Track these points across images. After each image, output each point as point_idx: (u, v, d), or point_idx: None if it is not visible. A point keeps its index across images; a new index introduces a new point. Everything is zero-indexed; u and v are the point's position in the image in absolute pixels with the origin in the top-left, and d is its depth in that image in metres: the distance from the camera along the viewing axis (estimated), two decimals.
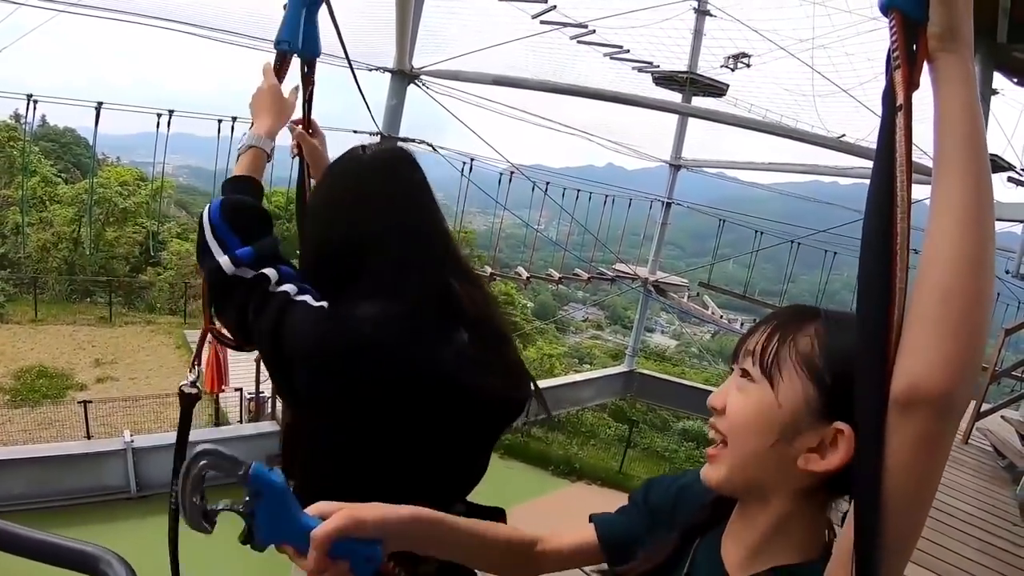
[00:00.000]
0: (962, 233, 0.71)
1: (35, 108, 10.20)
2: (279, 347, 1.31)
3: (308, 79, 1.74)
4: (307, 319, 1.30)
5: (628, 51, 12.28)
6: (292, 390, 1.35)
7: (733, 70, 13.04)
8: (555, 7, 10.49)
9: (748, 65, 12.78)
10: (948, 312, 0.70)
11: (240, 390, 13.13)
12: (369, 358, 1.27)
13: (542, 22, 10.76)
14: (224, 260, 1.35)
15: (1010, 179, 10.95)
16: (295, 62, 1.69)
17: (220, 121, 10.54)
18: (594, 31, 11.34)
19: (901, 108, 0.74)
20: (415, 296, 1.34)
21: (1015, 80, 9.76)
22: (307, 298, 1.33)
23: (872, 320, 0.75)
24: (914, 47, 0.73)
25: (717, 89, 13.71)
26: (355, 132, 10.12)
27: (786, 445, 0.87)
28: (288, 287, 1.34)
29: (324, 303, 1.33)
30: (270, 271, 1.35)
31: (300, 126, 1.77)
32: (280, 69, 1.64)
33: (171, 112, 10.34)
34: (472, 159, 12.41)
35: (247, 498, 0.86)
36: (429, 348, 1.33)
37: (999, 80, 9.70)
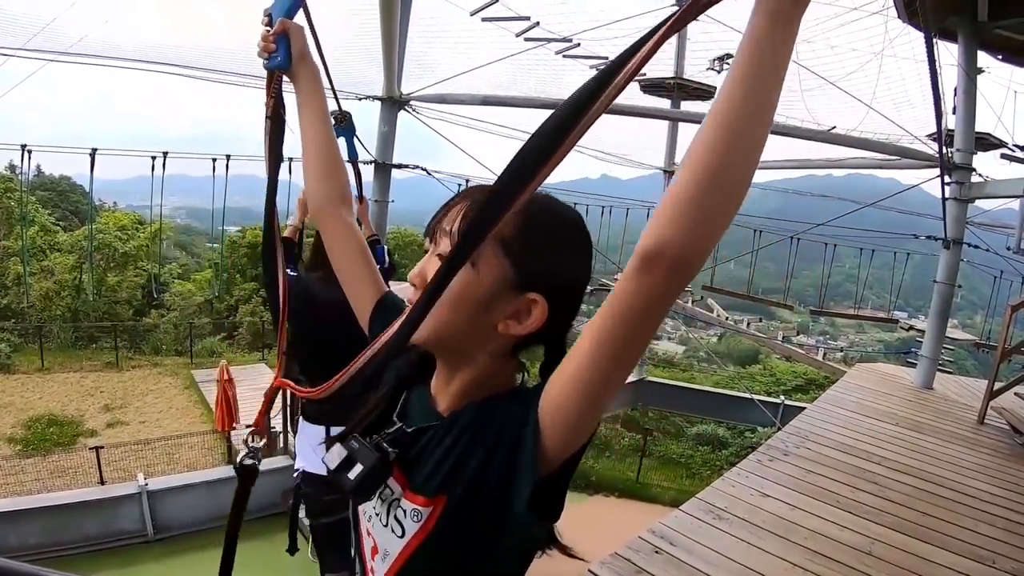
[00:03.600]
0: (736, 134, 0.78)
1: (30, 158, 10.24)
2: None
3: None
4: None
5: None
6: None
7: (719, 72, 13.10)
8: (538, 24, 10.55)
9: None
10: (709, 197, 0.78)
11: (251, 426, 13.10)
12: None
13: (526, 39, 10.82)
14: None
15: (1003, 156, 10.95)
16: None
17: (214, 160, 10.58)
18: (578, 44, 11.39)
19: (672, 19, 0.82)
20: None
21: (999, 57, 9.82)
22: None
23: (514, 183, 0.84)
24: None
25: (705, 92, 13.78)
26: (348, 161, 10.16)
27: (486, 314, 1.04)
28: None
29: None
30: None
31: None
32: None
33: (165, 154, 10.37)
34: (467, 180, 12.44)
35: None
36: None
37: (984, 59, 9.75)
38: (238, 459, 1.49)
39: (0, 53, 8.66)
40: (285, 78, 1.44)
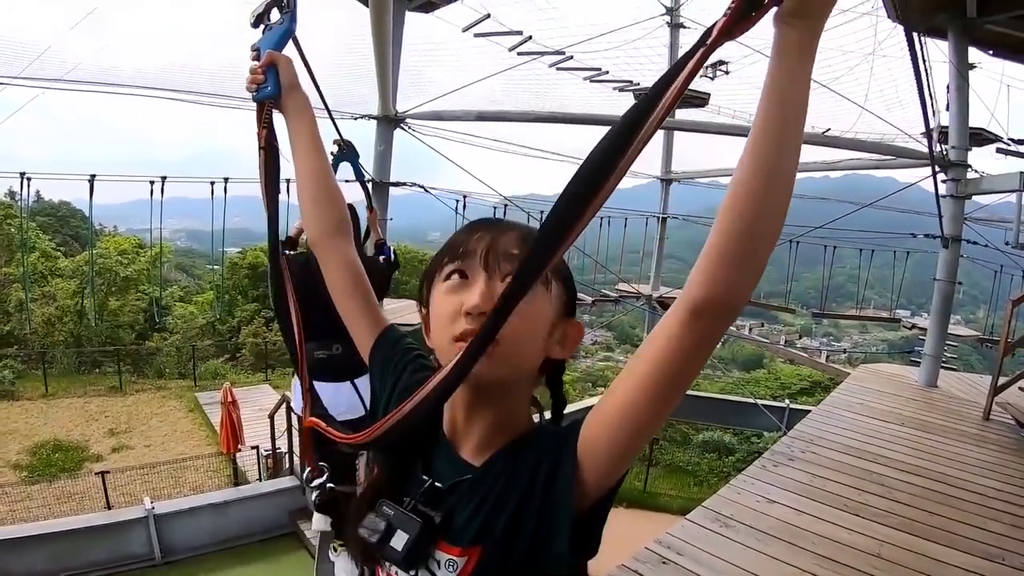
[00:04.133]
0: (767, 190, 0.82)
1: (29, 185, 10.29)
2: None
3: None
4: None
5: (607, 72, 12.38)
6: None
7: (712, 79, 13.13)
8: (531, 38, 10.59)
9: (727, 72, 12.87)
10: (746, 252, 0.83)
11: (256, 448, 13.10)
12: None
13: (519, 53, 10.86)
14: None
15: (999, 150, 10.95)
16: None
17: (212, 183, 10.62)
18: (571, 57, 11.43)
19: (704, 46, 0.81)
20: None
21: (990, 52, 9.84)
22: None
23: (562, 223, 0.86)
24: (752, 11, 0.80)
25: (699, 99, 13.80)
26: (347, 181, 10.20)
27: (547, 339, 1.07)
28: None
29: None
30: None
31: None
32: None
33: (163, 179, 10.42)
34: (465, 196, 12.45)
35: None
36: None
37: (976, 55, 9.77)
38: (314, 499, 1.55)
39: None
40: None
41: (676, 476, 15.68)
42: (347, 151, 4.40)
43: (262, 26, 1.50)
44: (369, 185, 4.84)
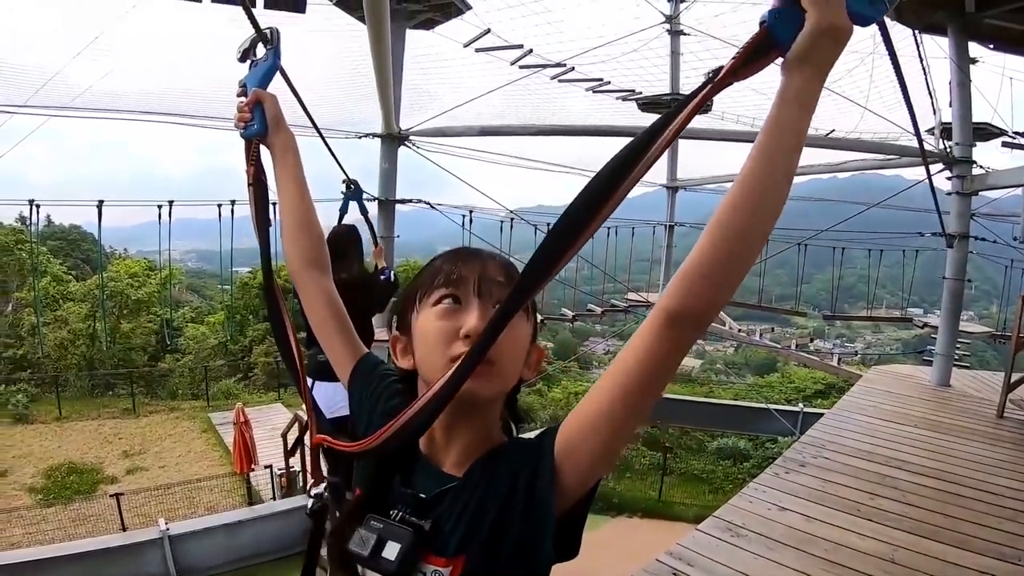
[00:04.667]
0: (754, 214, 0.88)
1: (38, 211, 10.43)
2: None
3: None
4: None
5: (609, 83, 12.38)
6: None
7: None
8: (531, 51, 10.62)
9: None
10: (726, 272, 0.90)
11: (270, 467, 13.13)
12: None
13: (521, 67, 10.89)
14: None
15: (1004, 144, 10.87)
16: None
17: (220, 206, 10.72)
18: (572, 68, 11.44)
19: (711, 83, 0.90)
20: None
21: (990, 46, 9.77)
22: None
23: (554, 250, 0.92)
24: (760, 58, 0.88)
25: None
26: (363, 216, 10.28)
27: (523, 362, 1.14)
28: None
29: None
30: None
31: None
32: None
33: (171, 203, 10.53)
34: (471, 211, 12.47)
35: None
36: None
37: (976, 50, 9.71)
38: (309, 507, 1.58)
39: (3, 111, 8.82)
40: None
41: (691, 484, 15.64)
42: (353, 190, 4.95)
43: (249, 61, 1.53)
44: (368, 205, 5.14)
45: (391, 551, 1.04)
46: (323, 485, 1.69)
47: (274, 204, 1.50)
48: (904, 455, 6.45)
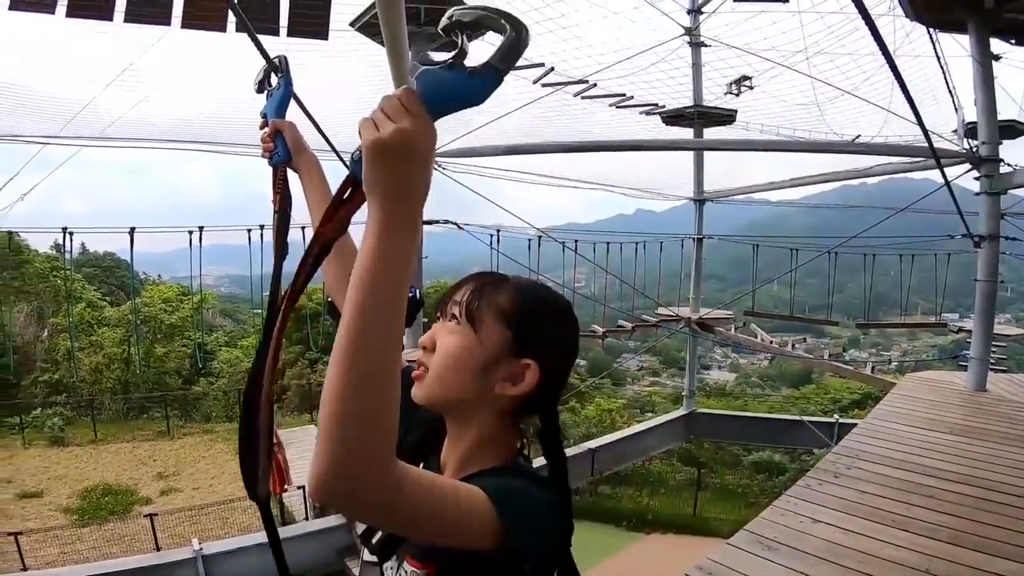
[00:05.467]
0: (339, 361, 0.84)
1: (72, 239, 10.65)
2: None
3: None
4: None
5: (632, 97, 12.39)
6: None
7: (738, 95, 13.05)
8: (553, 69, 10.66)
9: (751, 87, 12.77)
10: (327, 426, 0.83)
11: (303, 488, 13.18)
12: None
13: (543, 85, 10.94)
14: None
15: None
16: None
17: (250, 231, 10.88)
18: (595, 85, 11.47)
19: (316, 237, 1.11)
20: None
21: (1012, 41, 9.61)
22: None
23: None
24: (349, 201, 1.03)
25: (726, 117, 13.73)
26: None
27: (485, 375, 1.14)
28: None
29: None
30: None
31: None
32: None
33: (201, 228, 10.71)
34: (498, 231, 12.51)
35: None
36: None
37: (999, 46, 9.54)
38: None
39: (36, 141, 9.02)
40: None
41: (726, 499, 15.43)
42: None
43: (265, 91, 1.60)
44: None
45: (376, 537, 1.19)
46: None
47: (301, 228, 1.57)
48: (939, 463, 6.31)
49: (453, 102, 0.91)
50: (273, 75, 1.60)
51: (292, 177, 1.59)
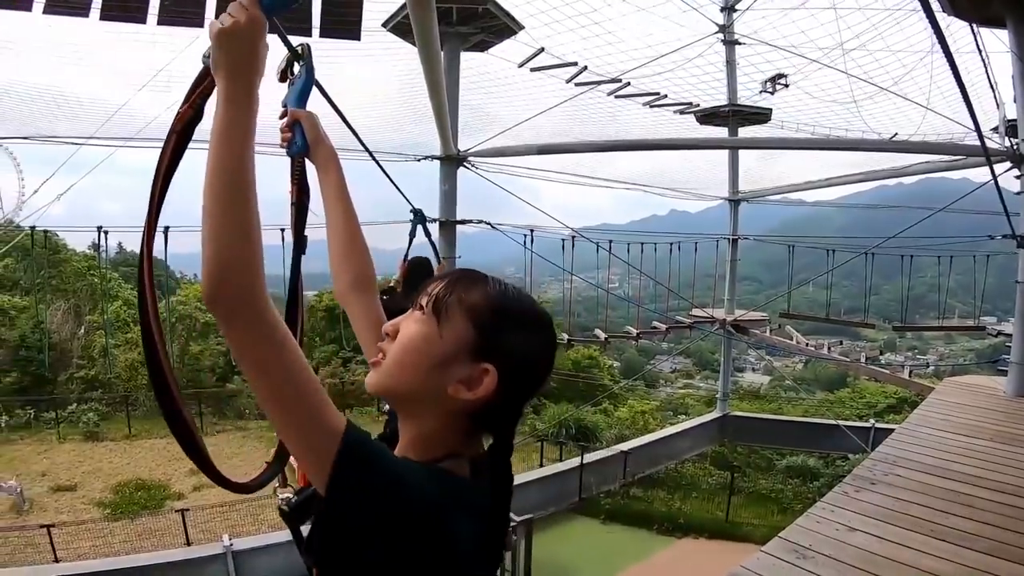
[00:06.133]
0: (206, 193, 1.01)
1: (107, 238, 10.80)
2: None
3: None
4: None
5: (665, 96, 12.29)
6: None
7: (773, 93, 12.87)
8: (586, 68, 10.59)
9: (786, 85, 12.59)
10: (207, 242, 0.98)
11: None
12: None
13: (576, 84, 10.87)
14: None
15: None
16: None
17: (283, 230, 10.94)
18: (628, 83, 11.38)
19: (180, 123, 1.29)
20: None
21: None
22: None
23: None
24: (201, 85, 1.26)
25: (761, 115, 13.58)
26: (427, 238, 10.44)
27: (441, 371, 1.10)
28: None
29: None
30: None
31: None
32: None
33: None
34: (532, 230, 12.45)
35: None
36: None
37: None
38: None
39: (72, 142, 9.14)
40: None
41: (759, 504, 15.19)
42: (417, 217, 6.06)
43: (288, 81, 1.58)
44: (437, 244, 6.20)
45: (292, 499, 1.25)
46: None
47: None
48: (979, 470, 6.14)
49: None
50: (296, 64, 1.57)
51: (311, 169, 1.57)
